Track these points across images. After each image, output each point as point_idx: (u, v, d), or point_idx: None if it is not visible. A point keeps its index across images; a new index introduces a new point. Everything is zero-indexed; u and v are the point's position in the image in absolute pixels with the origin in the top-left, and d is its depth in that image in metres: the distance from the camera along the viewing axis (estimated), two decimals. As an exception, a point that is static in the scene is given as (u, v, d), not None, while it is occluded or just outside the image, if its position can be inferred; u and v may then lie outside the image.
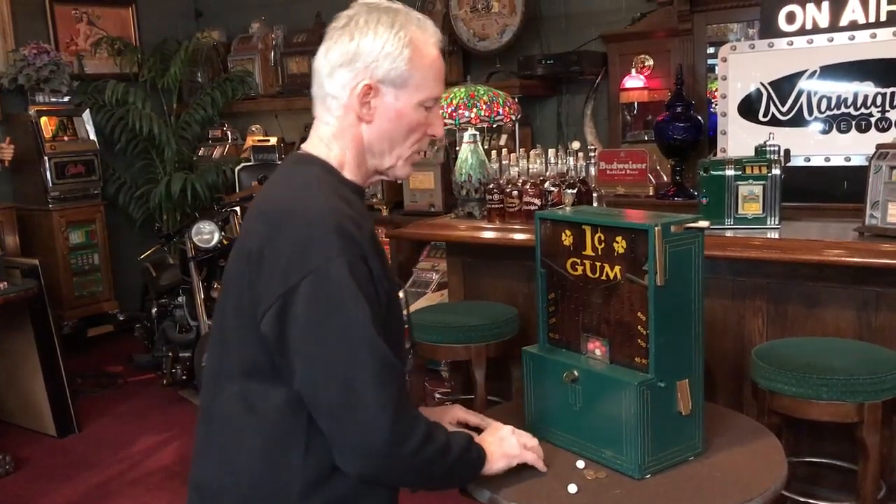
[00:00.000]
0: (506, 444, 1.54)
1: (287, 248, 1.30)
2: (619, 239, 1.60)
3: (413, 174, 4.89)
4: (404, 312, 1.53)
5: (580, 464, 1.64)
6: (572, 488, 1.54)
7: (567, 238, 1.70)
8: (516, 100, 3.52)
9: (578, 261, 1.69)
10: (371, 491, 1.40)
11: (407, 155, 1.48)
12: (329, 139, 1.46)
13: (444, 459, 1.38)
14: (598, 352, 1.68)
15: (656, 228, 1.52)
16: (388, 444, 1.29)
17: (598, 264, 1.65)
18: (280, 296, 1.29)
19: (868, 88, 3.19)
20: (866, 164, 2.57)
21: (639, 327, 1.60)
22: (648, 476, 1.59)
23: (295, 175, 1.44)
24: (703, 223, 1.62)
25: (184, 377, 4.39)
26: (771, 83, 3.38)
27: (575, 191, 2.96)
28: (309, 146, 1.48)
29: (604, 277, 1.64)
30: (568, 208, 1.78)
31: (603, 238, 1.63)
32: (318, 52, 1.45)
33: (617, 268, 1.62)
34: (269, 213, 1.38)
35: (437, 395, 3.78)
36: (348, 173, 1.46)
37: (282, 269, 1.29)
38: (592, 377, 1.65)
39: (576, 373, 1.66)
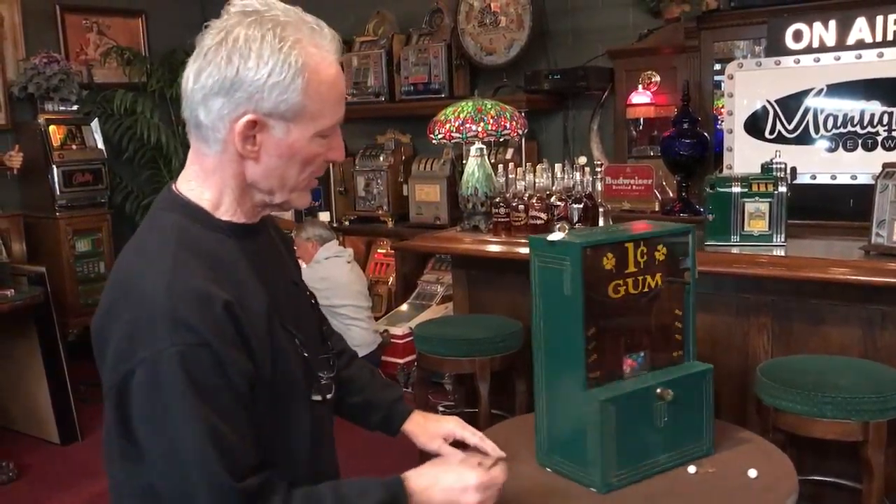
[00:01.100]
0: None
1: (118, 335, 1.14)
2: (660, 247, 1.69)
3: (419, 187, 4.93)
4: (305, 353, 1.31)
5: (692, 469, 1.68)
6: (752, 472, 1.64)
7: (609, 261, 1.64)
8: (523, 114, 3.54)
9: (621, 282, 1.65)
10: None
11: (303, 187, 1.27)
12: (204, 175, 1.24)
13: None
14: (628, 369, 1.70)
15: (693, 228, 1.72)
16: None
17: (640, 278, 1.68)
18: (113, 386, 1.15)
19: (875, 107, 3.20)
20: (872, 182, 2.58)
21: (676, 323, 1.74)
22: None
23: (150, 228, 1.24)
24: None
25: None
26: (777, 101, 3.39)
27: (581, 206, 2.97)
28: (181, 181, 1.27)
29: (646, 289, 1.69)
30: (564, 234, 1.66)
31: (645, 251, 1.68)
32: (186, 68, 1.21)
33: (658, 275, 1.70)
34: (111, 285, 1.21)
35: (441, 409, 3.78)
36: (226, 214, 1.25)
37: (114, 358, 1.15)
38: (678, 383, 1.70)
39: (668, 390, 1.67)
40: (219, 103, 1.17)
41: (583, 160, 3.08)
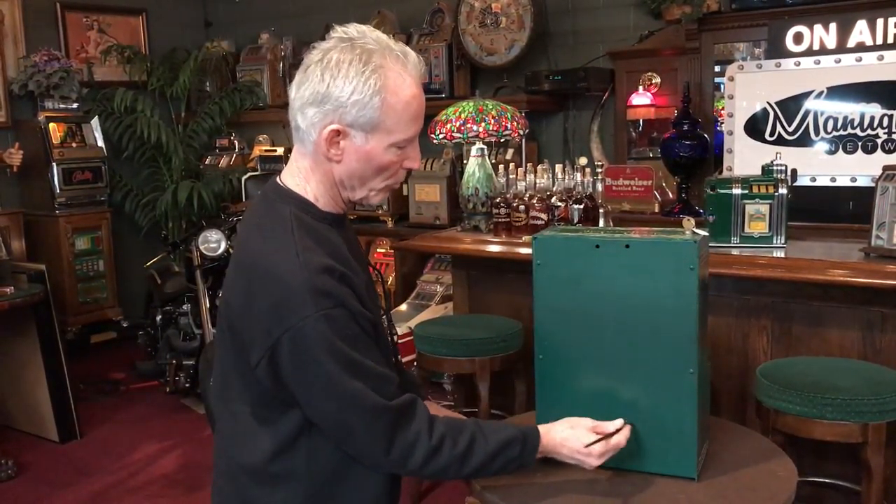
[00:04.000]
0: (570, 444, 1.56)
1: (265, 307, 1.35)
2: None
3: (420, 186, 4.93)
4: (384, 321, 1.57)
5: None
6: None
7: None
8: (523, 115, 3.54)
9: None
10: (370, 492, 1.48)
11: (380, 188, 1.48)
12: (306, 172, 1.47)
13: (461, 464, 1.43)
14: None
15: None
16: (390, 467, 1.42)
17: None
18: (268, 348, 1.36)
19: (874, 110, 3.21)
20: (872, 184, 2.58)
21: None
22: None
23: (270, 216, 1.45)
24: None
25: (187, 385, 4.39)
26: (777, 103, 3.40)
27: (581, 206, 2.97)
28: (287, 176, 1.49)
29: None
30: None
31: None
32: (293, 80, 1.44)
33: None
34: (245, 267, 1.43)
35: (440, 408, 3.78)
36: (324, 205, 1.48)
37: (264, 326, 1.36)
38: None
39: None
40: (312, 112, 1.39)
41: (583, 161, 3.08)
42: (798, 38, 3.47)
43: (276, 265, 1.36)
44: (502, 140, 3.50)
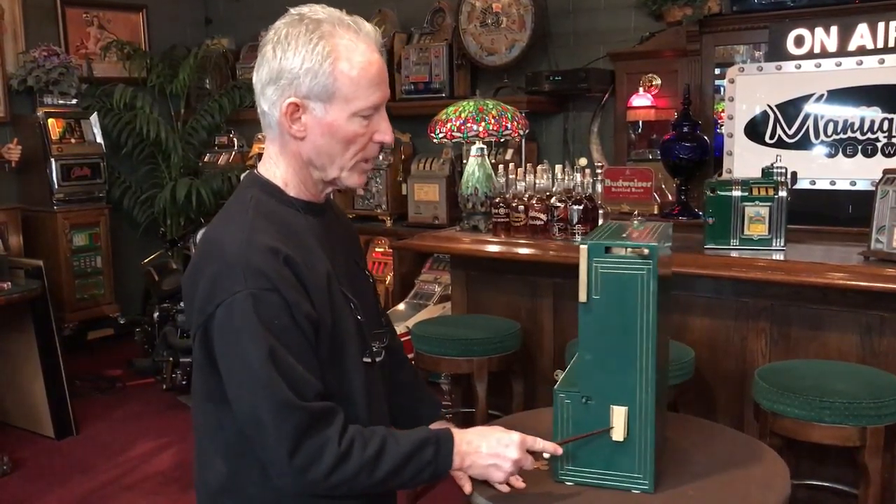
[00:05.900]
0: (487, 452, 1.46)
1: (204, 282, 1.34)
2: None
3: (419, 186, 4.92)
4: (360, 317, 1.46)
5: None
6: None
7: None
8: (523, 115, 3.53)
9: None
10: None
11: (351, 165, 1.43)
12: (275, 157, 1.45)
13: (373, 469, 1.34)
14: None
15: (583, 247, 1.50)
16: (291, 474, 1.32)
17: None
18: (200, 325, 1.35)
19: (875, 114, 3.20)
20: (871, 188, 2.58)
21: None
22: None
23: (235, 201, 1.45)
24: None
25: (183, 382, 4.39)
26: (778, 106, 3.40)
27: (581, 207, 2.97)
28: (260, 165, 1.48)
29: None
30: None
31: None
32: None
33: None
34: (199, 247, 1.43)
35: (437, 408, 3.77)
36: (294, 191, 1.45)
37: (200, 303, 1.34)
38: None
39: None
40: (270, 91, 1.38)
41: (583, 162, 3.08)
42: (799, 41, 3.47)
43: (222, 242, 1.35)
44: (502, 140, 3.50)
